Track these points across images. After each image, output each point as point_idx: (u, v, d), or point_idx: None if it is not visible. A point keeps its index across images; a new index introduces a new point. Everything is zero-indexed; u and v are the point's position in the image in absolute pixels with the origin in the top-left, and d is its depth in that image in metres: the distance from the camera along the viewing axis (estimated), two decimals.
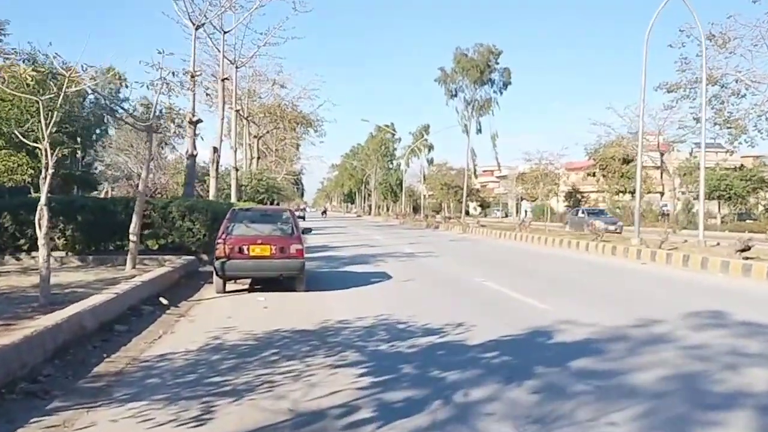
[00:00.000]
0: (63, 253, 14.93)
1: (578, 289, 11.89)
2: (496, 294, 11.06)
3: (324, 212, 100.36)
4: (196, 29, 17.97)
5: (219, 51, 22.79)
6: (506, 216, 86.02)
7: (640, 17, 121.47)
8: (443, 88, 56.41)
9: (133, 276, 11.42)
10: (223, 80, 22.58)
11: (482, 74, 52.58)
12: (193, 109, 17.93)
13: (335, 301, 10.25)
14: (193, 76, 17.44)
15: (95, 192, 39.27)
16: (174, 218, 15.65)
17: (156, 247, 16.04)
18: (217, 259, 10.75)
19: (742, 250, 14.72)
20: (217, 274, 10.84)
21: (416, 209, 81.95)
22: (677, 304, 10.03)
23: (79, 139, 27.74)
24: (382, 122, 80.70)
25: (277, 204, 46.15)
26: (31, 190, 23.88)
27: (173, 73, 12.81)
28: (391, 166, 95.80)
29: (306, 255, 19.40)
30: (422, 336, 7.36)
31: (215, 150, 22.37)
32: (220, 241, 10.80)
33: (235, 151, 27.96)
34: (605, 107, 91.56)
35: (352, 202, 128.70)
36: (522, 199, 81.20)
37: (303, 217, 75.09)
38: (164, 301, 9.44)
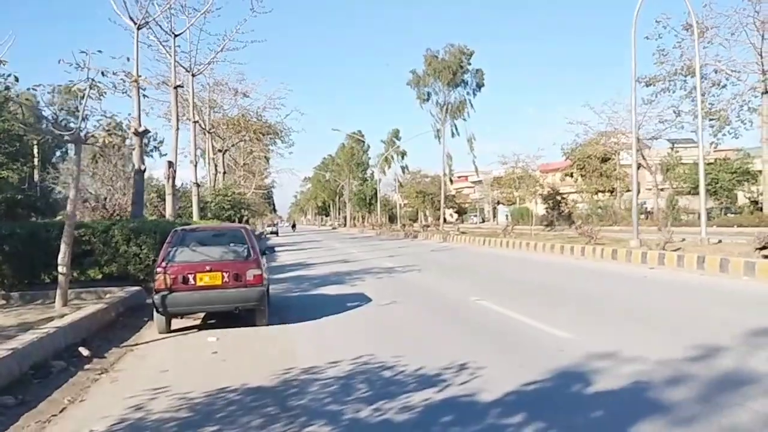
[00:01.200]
0: None
1: (597, 307, 10.08)
2: (499, 318, 9.20)
3: (293, 226, 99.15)
4: (138, 29, 15.95)
5: (170, 56, 20.76)
6: (483, 221, 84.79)
7: (614, 11, 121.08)
8: (415, 91, 54.70)
9: (62, 316, 9.43)
10: (175, 88, 20.54)
11: (455, 76, 50.93)
12: (139, 117, 15.87)
13: (303, 339, 8.34)
14: (136, 81, 15.43)
15: (57, 218, 36.66)
16: (117, 243, 13.59)
17: (99, 276, 14.00)
18: (157, 292, 8.77)
19: (762, 248, 13.13)
20: (157, 311, 8.85)
21: (392, 219, 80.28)
22: (726, 321, 8.29)
23: (22, 160, 25.34)
24: (354, 128, 78.94)
25: (247, 221, 43.95)
26: None
27: (102, 73, 10.84)
28: (364, 175, 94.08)
29: (274, 275, 17.56)
30: (416, 389, 5.50)
31: (170, 165, 20.27)
32: (159, 269, 8.82)
33: (195, 165, 25.81)
34: (581, 105, 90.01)
35: (327, 215, 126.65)
36: (498, 203, 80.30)
37: (276, 233, 73.02)
38: (85, 352, 7.43)
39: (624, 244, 19.54)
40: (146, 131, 16.16)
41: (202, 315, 9.99)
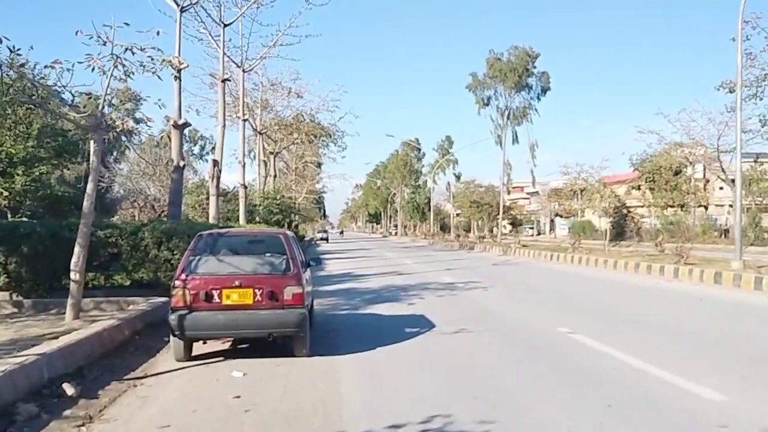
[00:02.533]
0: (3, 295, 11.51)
1: (736, 353, 7.71)
2: (610, 365, 6.97)
3: (341, 232, 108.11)
4: (182, 11, 14.55)
5: (218, 47, 19.38)
6: (538, 234, 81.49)
7: (691, 13, 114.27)
8: (474, 96, 52.32)
9: (70, 331, 7.88)
10: (223, 81, 19.13)
11: (520, 78, 48.30)
12: (179, 109, 14.42)
13: (352, 381, 6.43)
14: (169, 62, 13.96)
15: (113, 219, 36.01)
16: (147, 247, 12.08)
17: (128, 283, 12.53)
18: (174, 310, 7.05)
19: None
20: (173, 334, 7.12)
21: (443, 228, 78.10)
22: None
23: (66, 156, 24.40)
24: (407, 135, 77.23)
25: (296, 226, 42.51)
26: (8, 215, 20.67)
27: (131, 50, 9.26)
28: (417, 183, 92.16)
29: (321, 287, 15.77)
30: None
31: (215, 164, 18.85)
32: (177, 282, 7.10)
33: (243, 166, 24.46)
34: (653, 113, 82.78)
35: (378, 223, 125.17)
36: (557, 215, 76.98)
37: (326, 239, 71.83)
38: (69, 390, 5.72)
39: (721, 264, 16.95)
40: (186, 124, 14.69)
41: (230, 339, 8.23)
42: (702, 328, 9.59)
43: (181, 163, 14.48)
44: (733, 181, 45.61)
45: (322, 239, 68.22)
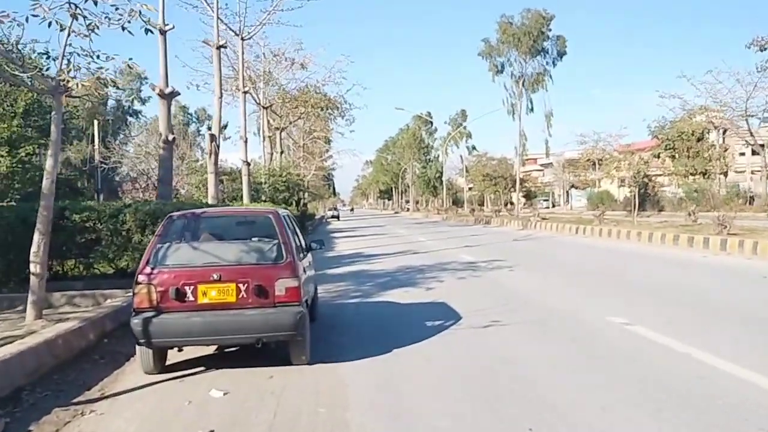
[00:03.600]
0: None
1: None
2: (700, 371, 5.48)
3: (351, 209, 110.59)
4: None
5: (211, 10, 17.73)
6: (553, 206, 79.60)
7: None
8: (488, 63, 50.07)
9: (30, 333, 6.57)
10: (218, 48, 17.50)
11: (535, 42, 45.98)
12: (166, 76, 12.91)
13: (363, 399, 4.98)
14: (161, 31, 12.48)
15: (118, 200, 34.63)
16: (130, 230, 10.67)
17: (111, 271, 11.22)
18: (137, 312, 5.62)
19: None
20: (138, 342, 5.69)
21: (456, 203, 76.52)
22: None
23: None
24: (417, 108, 75.20)
25: (305, 204, 40.94)
26: None
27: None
28: (428, 158, 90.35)
29: (329, 269, 14.33)
30: None
31: (212, 139, 17.33)
32: (141, 278, 5.65)
33: (246, 142, 22.85)
34: (676, 77, 76.05)
35: (389, 199, 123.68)
36: (573, 186, 75.04)
37: (337, 216, 70.37)
38: None
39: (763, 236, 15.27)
40: (174, 93, 13.16)
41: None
42: None
43: (170, 137, 13.00)
44: (762, 146, 43.54)
45: (332, 217, 66.88)
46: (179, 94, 13.65)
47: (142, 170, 43.92)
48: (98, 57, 8.02)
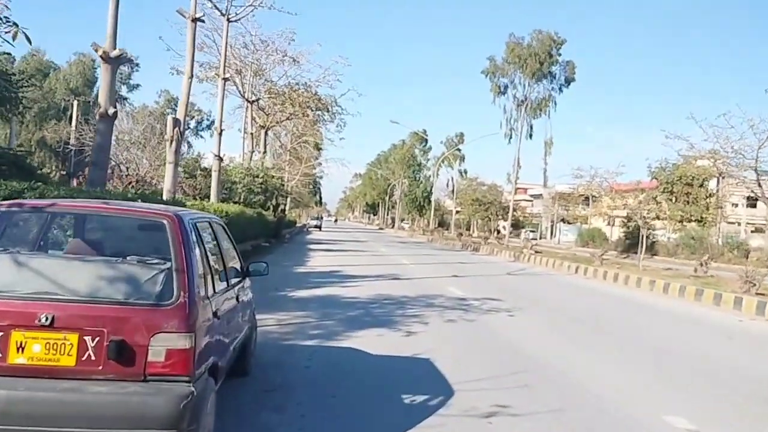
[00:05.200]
0: None
1: None
2: None
3: (335, 220, 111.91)
4: None
5: None
6: (540, 238, 77.64)
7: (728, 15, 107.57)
8: (490, 82, 47.86)
9: None
10: (194, 21, 15.10)
11: (542, 66, 43.87)
12: (114, 36, 10.46)
13: None
14: None
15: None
16: None
17: None
18: None
19: None
20: None
21: (441, 224, 74.45)
22: None
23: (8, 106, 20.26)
24: (411, 123, 73.07)
25: (283, 211, 38.25)
26: None
27: None
28: (417, 176, 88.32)
29: (294, 291, 11.89)
30: None
31: (176, 123, 14.86)
32: None
33: (220, 134, 20.40)
34: (685, 117, 73.98)
35: (375, 214, 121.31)
36: (562, 220, 73.19)
37: (319, 227, 67.60)
38: None
39: None
40: (123, 57, 10.67)
41: None
42: None
43: (110, 111, 10.50)
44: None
45: (314, 227, 64.26)
46: (130, 60, 11.54)
47: (127, 159, 41.08)
48: None
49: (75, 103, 46.06)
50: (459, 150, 77.12)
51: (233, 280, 4.84)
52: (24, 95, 20.29)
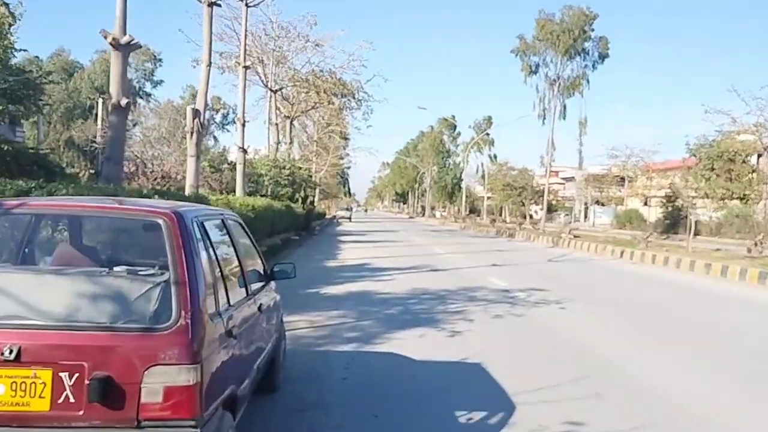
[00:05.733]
0: None
1: None
2: None
3: (366, 210, 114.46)
4: None
5: None
6: (575, 221, 75.96)
7: None
8: (521, 61, 46.37)
9: None
10: (210, 5, 14.45)
11: (574, 42, 42.22)
12: (124, 23, 9.81)
13: None
14: None
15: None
16: None
17: None
18: None
19: None
20: None
21: (472, 211, 73.29)
22: None
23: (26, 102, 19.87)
24: (438, 108, 71.84)
25: (311, 204, 37.60)
26: None
27: None
28: (447, 163, 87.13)
29: (325, 288, 11.19)
30: None
31: (195, 114, 14.23)
32: None
33: (243, 125, 19.81)
34: (726, 90, 70.84)
35: (404, 202, 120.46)
36: (597, 203, 71.35)
37: (349, 218, 66.99)
38: None
39: None
40: (133, 44, 10.02)
41: None
42: None
43: (123, 102, 9.85)
44: None
45: (344, 217, 63.70)
46: (140, 46, 10.56)
47: (153, 155, 40.87)
48: None
49: (100, 101, 46.23)
50: (488, 134, 75.76)
51: (254, 286, 4.09)
52: (42, 93, 19.83)
